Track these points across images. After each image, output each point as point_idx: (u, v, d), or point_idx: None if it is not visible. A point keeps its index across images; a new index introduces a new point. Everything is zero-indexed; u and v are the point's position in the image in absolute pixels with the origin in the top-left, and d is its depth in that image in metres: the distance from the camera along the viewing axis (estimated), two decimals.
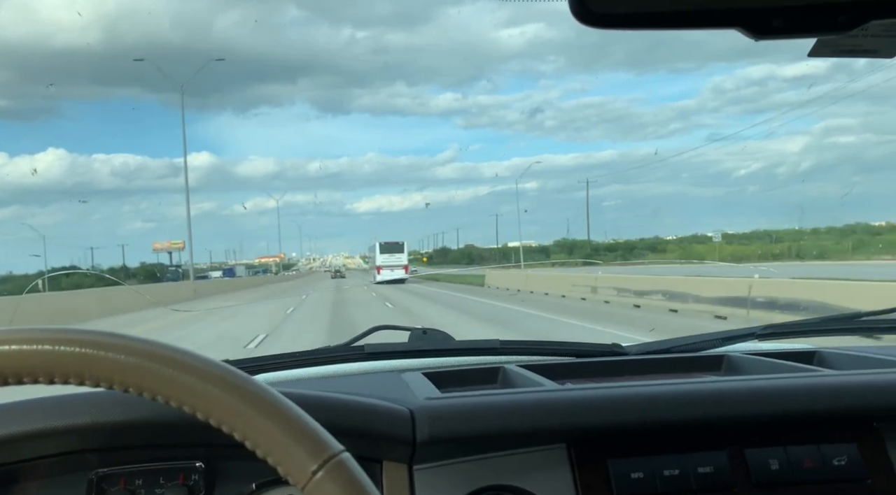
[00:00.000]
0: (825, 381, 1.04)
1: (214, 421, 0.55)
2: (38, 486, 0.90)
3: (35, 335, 0.54)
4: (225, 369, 0.56)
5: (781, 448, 0.98)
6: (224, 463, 0.93)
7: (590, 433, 0.97)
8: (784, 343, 1.47)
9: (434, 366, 1.30)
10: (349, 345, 1.37)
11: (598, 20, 0.59)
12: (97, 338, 0.54)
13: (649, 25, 0.60)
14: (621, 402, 0.97)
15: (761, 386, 1.02)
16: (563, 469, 0.96)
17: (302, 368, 1.31)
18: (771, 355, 1.28)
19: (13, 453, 0.84)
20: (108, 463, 0.91)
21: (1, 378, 0.53)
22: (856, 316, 1.47)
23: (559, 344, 1.41)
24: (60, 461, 0.88)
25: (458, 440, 0.93)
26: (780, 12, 0.57)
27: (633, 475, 0.95)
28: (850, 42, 0.69)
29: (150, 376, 0.54)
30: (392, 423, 0.91)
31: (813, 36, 0.63)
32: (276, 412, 0.55)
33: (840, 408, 1.01)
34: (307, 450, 0.54)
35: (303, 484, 0.53)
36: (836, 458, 0.98)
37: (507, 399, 0.98)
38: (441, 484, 0.93)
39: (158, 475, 0.91)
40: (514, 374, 1.19)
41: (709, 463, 0.96)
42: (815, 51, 0.72)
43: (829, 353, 1.28)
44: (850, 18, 0.57)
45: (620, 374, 1.27)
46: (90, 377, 0.54)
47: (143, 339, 0.56)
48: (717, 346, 1.38)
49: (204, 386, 0.54)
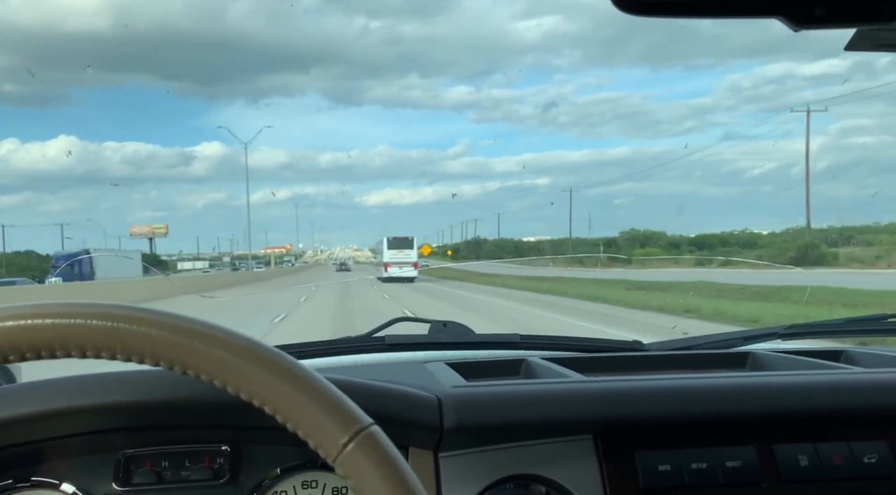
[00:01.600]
0: (855, 378, 1.03)
1: (245, 395, 0.55)
2: (66, 465, 0.90)
3: (68, 309, 0.54)
4: (256, 344, 0.57)
5: (811, 444, 0.97)
6: (249, 447, 0.93)
7: (617, 425, 0.96)
8: (808, 343, 1.46)
9: (455, 358, 1.30)
10: (370, 335, 1.38)
11: (637, 7, 0.58)
12: (129, 313, 0.55)
13: (688, 13, 0.60)
14: (649, 395, 0.97)
15: (790, 382, 1.01)
16: (590, 460, 0.95)
17: (322, 358, 1.32)
18: (796, 353, 1.27)
19: (41, 430, 0.85)
20: (135, 444, 0.91)
21: (34, 351, 0.54)
22: (882, 317, 1.45)
23: (579, 339, 1.40)
24: (88, 440, 0.88)
25: (485, 428, 0.93)
26: (823, 1, 0.57)
27: (660, 467, 0.94)
28: (891, 35, 0.68)
29: (181, 350, 0.55)
30: (420, 410, 0.91)
31: (855, 26, 0.63)
32: (306, 385, 0.56)
33: (870, 406, 1.00)
34: (338, 423, 0.55)
35: (334, 456, 0.54)
36: (867, 456, 0.97)
37: (535, 388, 0.97)
38: (466, 472, 0.93)
39: (184, 457, 0.92)
40: (538, 366, 1.18)
41: (737, 458, 0.95)
42: (852, 44, 0.71)
43: (857, 352, 1.27)
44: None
45: (643, 370, 1.26)
46: (122, 351, 0.54)
47: (174, 314, 0.57)
48: (739, 345, 1.38)
49: (235, 360, 0.55)
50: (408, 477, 0.55)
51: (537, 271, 33.55)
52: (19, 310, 0.54)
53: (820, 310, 11.66)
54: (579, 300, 17.80)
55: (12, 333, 0.53)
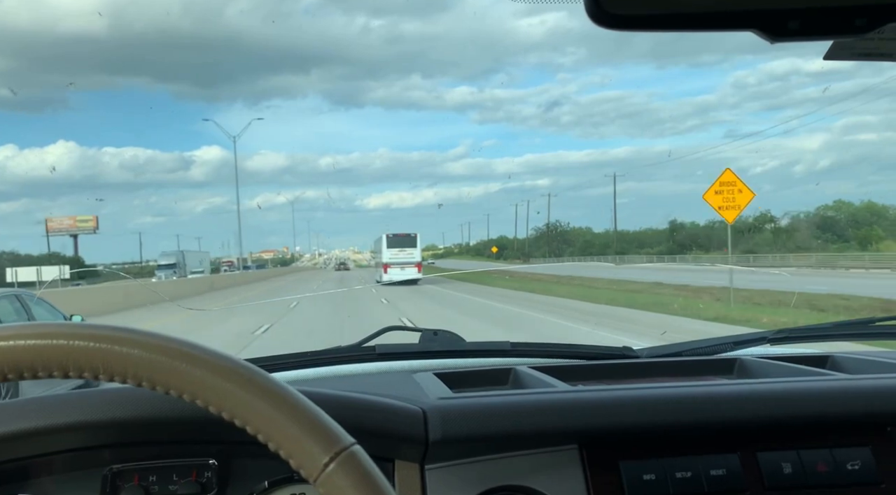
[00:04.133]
0: (839, 385, 1.04)
1: (227, 415, 0.56)
2: (53, 481, 0.90)
3: (50, 330, 0.55)
4: (238, 363, 0.57)
5: (794, 451, 0.98)
6: (237, 461, 0.94)
7: (602, 434, 0.97)
8: (796, 347, 1.47)
9: (445, 367, 1.30)
10: (360, 345, 1.37)
11: (613, 21, 0.59)
12: (111, 333, 0.55)
13: (664, 27, 0.60)
14: (633, 404, 0.97)
15: (774, 390, 1.01)
16: (575, 470, 0.96)
17: (312, 368, 1.32)
18: (783, 359, 1.27)
19: (28, 448, 0.85)
20: (122, 459, 0.91)
21: (17, 372, 0.54)
22: (869, 321, 1.46)
23: (570, 346, 1.41)
24: (75, 457, 0.89)
25: (471, 440, 0.93)
26: (797, 14, 0.57)
27: (645, 476, 0.94)
28: (867, 45, 0.69)
29: (163, 370, 0.55)
30: (405, 422, 0.91)
31: (829, 38, 0.63)
32: (288, 405, 0.56)
33: (854, 413, 1.00)
34: (319, 443, 0.55)
35: (315, 476, 0.54)
36: (850, 463, 0.98)
37: (520, 399, 0.98)
38: (453, 484, 0.93)
39: (172, 471, 0.92)
40: (526, 376, 1.19)
41: (721, 466, 0.96)
42: (831, 53, 0.71)
43: (843, 358, 1.27)
44: (868, 21, 0.56)
45: (631, 377, 1.27)
46: (105, 371, 0.55)
47: (157, 334, 0.57)
48: (729, 350, 1.38)
49: (217, 380, 0.55)
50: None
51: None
52: (2, 331, 0.54)
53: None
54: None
55: None
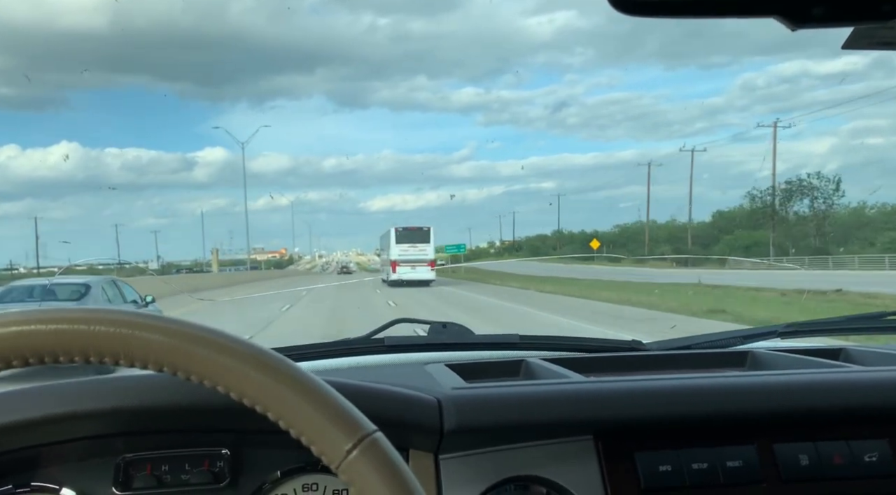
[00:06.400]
0: (855, 377, 1.03)
1: (249, 401, 0.56)
2: (66, 470, 0.90)
3: (71, 315, 0.55)
4: (262, 350, 0.57)
5: (811, 443, 0.97)
6: (250, 451, 0.93)
7: (617, 425, 0.96)
8: (808, 341, 1.46)
9: (454, 359, 1.30)
10: (369, 337, 1.37)
11: (633, 7, 0.58)
12: (132, 319, 0.55)
13: (685, 13, 0.59)
14: (649, 395, 0.97)
15: (789, 381, 1.01)
16: (590, 460, 0.95)
17: (321, 360, 1.32)
18: (796, 352, 1.26)
19: (42, 435, 0.85)
20: (135, 448, 0.91)
21: (38, 357, 0.54)
22: (881, 315, 1.45)
23: (579, 339, 1.40)
24: (88, 445, 0.88)
25: (486, 430, 0.93)
26: (822, 0, 0.57)
27: (660, 467, 0.94)
28: (888, 34, 0.68)
29: (185, 356, 0.55)
30: (420, 412, 0.91)
31: (853, 24, 0.62)
32: (311, 392, 0.56)
33: (870, 405, 1.00)
34: (342, 430, 0.55)
35: (337, 463, 0.54)
36: (867, 454, 0.97)
37: (535, 390, 0.97)
38: (467, 474, 0.93)
39: (184, 461, 0.92)
40: (538, 367, 1.18)
41: (737, 458, 0.95)
42: (850, 42, 0.70)
43: (857, 350, 1.27)
44: (895, 7, 0.56)
45: (643, 369, 1.26)
46: (126, 357, 0.55)
47: (178, 320, 0.57)
48: (739, 344, 1.38)
49: (240, 366, 0.55)
50: (411, 484, 0.55)
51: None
52: (23, 315, 0.55)
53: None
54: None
55: (16, 338, 0.54)
